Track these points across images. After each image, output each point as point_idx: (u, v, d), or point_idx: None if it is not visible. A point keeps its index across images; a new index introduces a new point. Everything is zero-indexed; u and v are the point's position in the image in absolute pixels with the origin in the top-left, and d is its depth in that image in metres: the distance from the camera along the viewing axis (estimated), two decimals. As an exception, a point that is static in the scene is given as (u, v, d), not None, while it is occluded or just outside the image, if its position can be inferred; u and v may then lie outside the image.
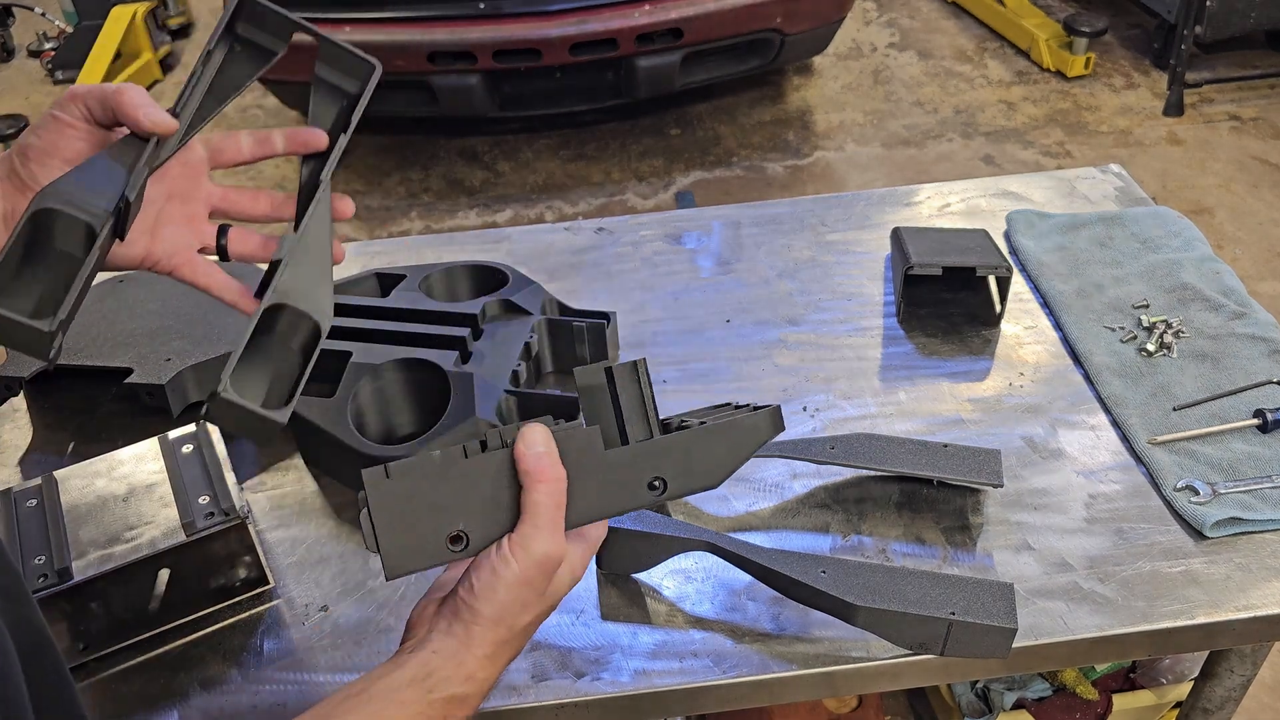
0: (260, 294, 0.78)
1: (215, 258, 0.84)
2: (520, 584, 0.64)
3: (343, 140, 0.83)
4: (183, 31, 4.51)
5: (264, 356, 0.76)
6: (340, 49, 0.84)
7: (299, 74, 3.76)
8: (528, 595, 0.65)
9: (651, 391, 0.68)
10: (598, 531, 0.70)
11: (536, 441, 0.65)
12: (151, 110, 0.75)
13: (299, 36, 0.83)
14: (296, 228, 0.80)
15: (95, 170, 0.74)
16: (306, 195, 0.82)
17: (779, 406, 0.70)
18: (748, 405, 0.76)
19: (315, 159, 0.84)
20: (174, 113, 0.78)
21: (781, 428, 0.70)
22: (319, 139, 0.82)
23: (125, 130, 0.76)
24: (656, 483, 0.67)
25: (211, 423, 0.75)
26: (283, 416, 0.74)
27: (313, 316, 0.78)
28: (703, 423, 0.69)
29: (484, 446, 0.66)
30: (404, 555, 0.64)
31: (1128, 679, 1.50)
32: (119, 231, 0.75)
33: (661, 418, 0.73)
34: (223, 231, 0.83)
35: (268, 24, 0.82)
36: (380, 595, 0.94)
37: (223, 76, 0.81)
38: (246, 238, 0.84)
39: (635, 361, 0.68)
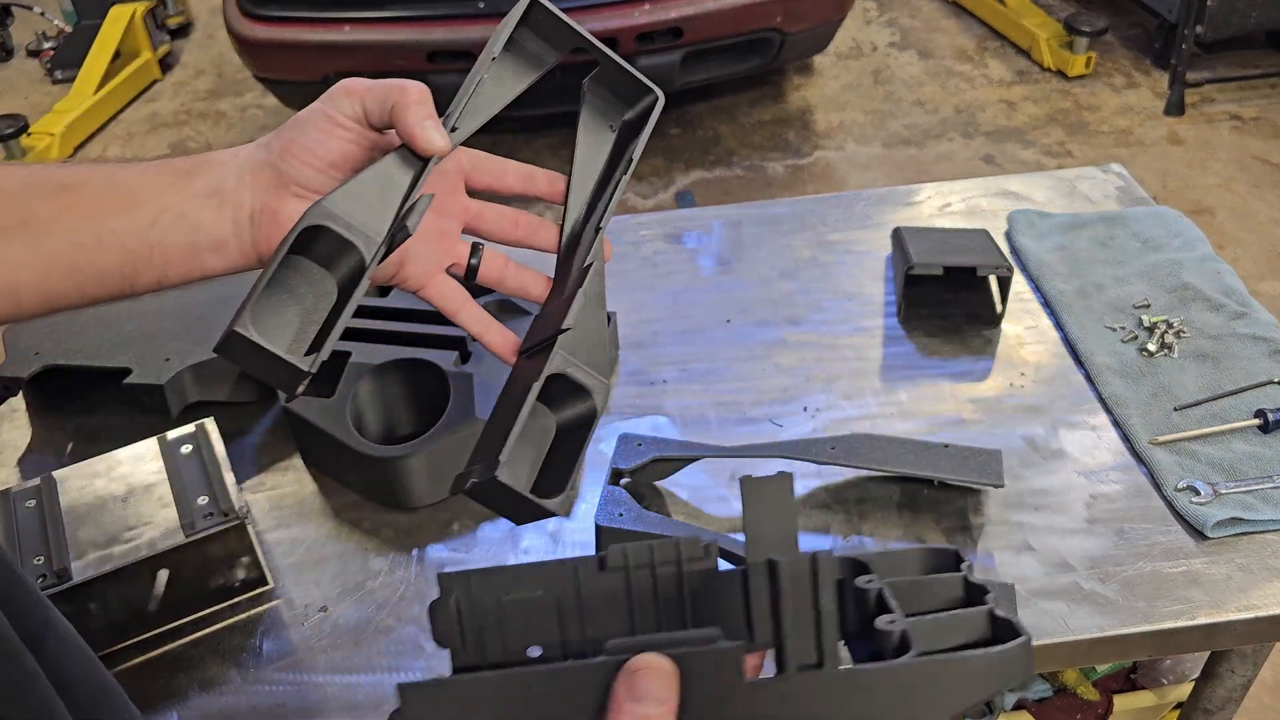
0: (528, 353, 0.71)
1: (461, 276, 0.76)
2: None
3: (623, 183, 0.75)
4: (182, 31, 4.51)
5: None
6: (623, 71, 0.75)
7: (298, 74, 3.74)
8: None
9: (834, 597, 0.44)
10: None
11: (649, 692, 0.41)
12: (432, 131, 0.66)
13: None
14: (559, 269, 0.74)
15: (369, 187, 0.66)
16: (573, 243, 0.75)
17: (1029, 640, 0.45)
18: (979, 594, 0.49)
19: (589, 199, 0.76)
20: (448, 126, 0.70)
21: (1032, 670, 0.48)
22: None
23: (394, 135, 0.69)
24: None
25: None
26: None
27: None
28: (898, 650, 0.43)
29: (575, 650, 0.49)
30: None
31: (1129, 679, 1.49)
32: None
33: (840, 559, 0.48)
34: (475, 250, 0.76)
35: (550, 34, 0.74)
36: (379, 596, 0.94)
37: (495, 86, 0.73)
38: (495, 260, 0.76)
39: (816, 555, 0.44)
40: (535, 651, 0.54)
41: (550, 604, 0.52)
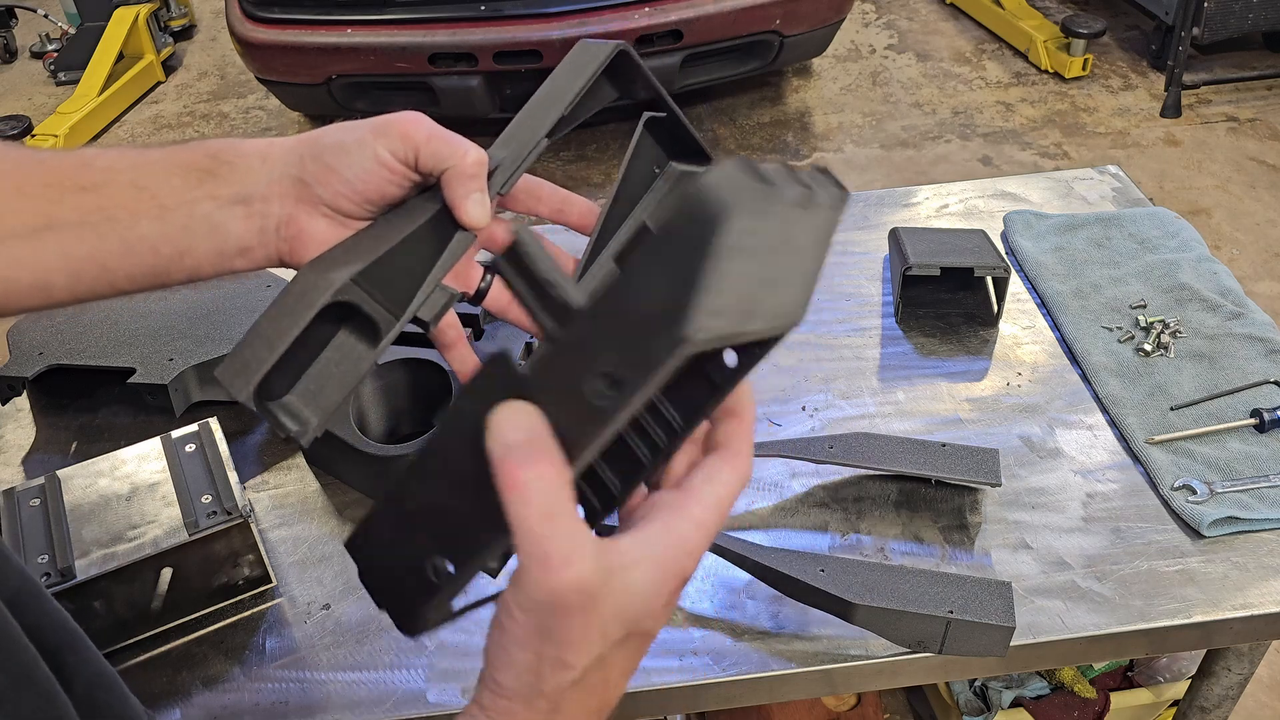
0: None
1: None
2: (536, 638, 0.42)
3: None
4: (185, 33, 4.52)
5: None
6: (686, 131, 0.77)
7: (301, 76, 3.74)
8: (553, 650, 0.42)
9: (548, 257, 0.40)
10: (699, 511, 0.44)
11: (505, 428, 0.40)
12: (478, 206, 0.65)
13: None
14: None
15: (400, 259, 0.64)
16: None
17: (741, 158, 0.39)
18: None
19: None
20: (493, 192, 0.68)
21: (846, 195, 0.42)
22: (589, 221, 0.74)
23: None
24: (603, 375, 0.39)
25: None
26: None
27: None
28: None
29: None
30: (411, 612, 0.46)
31: (1125, 677, 1.50)
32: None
33: None
34: (484, 275, 0.74)
35: (622, 82, 0.75)
36: (382, 594, 0.94)
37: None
38: (502, 291, 0.74)
39: (517, 231, 0.41)
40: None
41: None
